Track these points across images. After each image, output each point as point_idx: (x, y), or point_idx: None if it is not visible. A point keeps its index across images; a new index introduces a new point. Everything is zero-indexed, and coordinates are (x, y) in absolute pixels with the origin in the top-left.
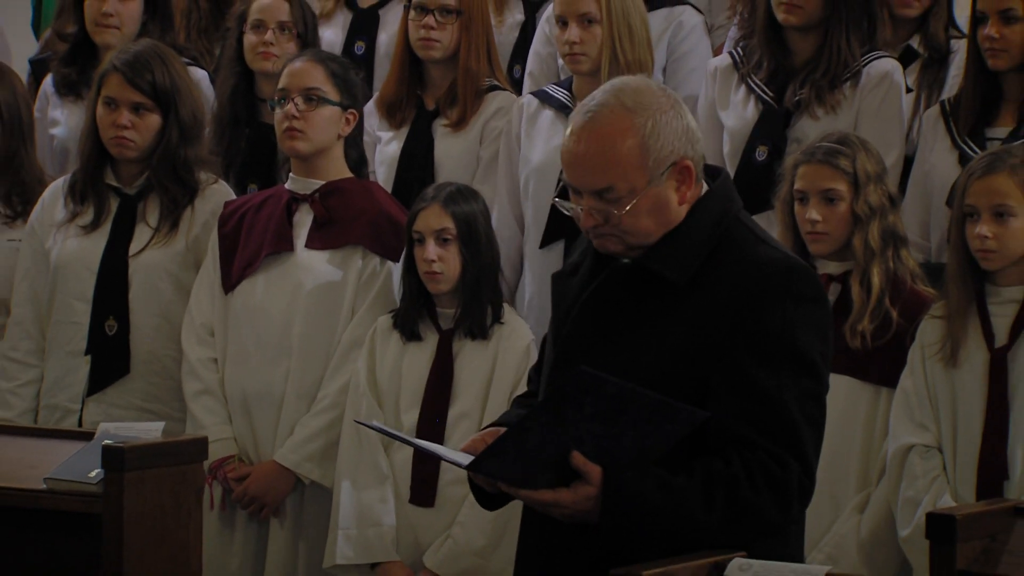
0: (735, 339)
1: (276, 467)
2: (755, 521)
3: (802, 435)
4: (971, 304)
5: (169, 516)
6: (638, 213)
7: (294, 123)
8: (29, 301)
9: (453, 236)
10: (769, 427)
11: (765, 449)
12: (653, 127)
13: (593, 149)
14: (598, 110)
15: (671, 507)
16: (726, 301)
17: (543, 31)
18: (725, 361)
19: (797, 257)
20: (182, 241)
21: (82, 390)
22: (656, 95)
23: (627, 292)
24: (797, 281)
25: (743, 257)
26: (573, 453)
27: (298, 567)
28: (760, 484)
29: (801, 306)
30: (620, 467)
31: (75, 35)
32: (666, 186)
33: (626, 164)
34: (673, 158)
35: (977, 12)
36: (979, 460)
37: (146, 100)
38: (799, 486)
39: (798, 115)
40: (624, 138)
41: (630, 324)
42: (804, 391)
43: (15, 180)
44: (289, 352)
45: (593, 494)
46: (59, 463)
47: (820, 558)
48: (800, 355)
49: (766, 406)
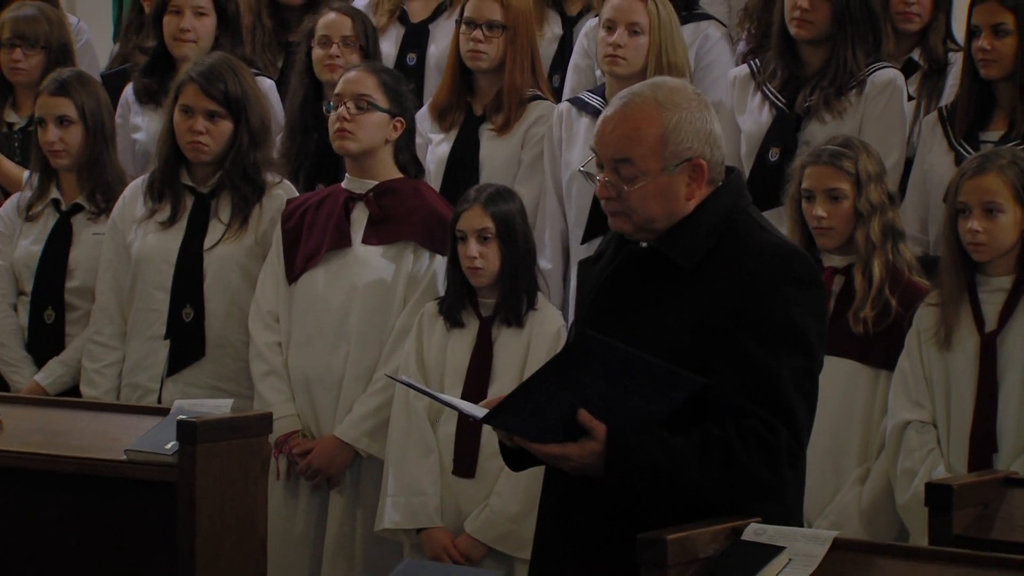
0: (737, 319)
1: (336, 442)
2: (747, 481)
3: (794, 406)
4: (963, 292)
5: (237, 485)
6: (646, 195)
7: (344, 124)
8: (112, 290)
9: (493, 235)
10: (763, 398)
11: (759, 417)
12: (677, 123)
13: (620, 126)
14: (633, 97)
15: (670, 465)
16: (729, 284)
17: (581, 45)
18: (727, 338)
19: (796, 245)
20: (251, 236)
21: (161, 371)
22: (689, 97)
23: (641, 275)
24: (796, 266)
25: (746, 245)
26: (580, 411)
27: (356, 532)
28: (752, 448)
29: (799, 289)
30: (624, 426)
31: (155, 48)
32: (677, 179)
33: (645, 147)
34: (689, 155)
35: (972, 26)
36: (970, 435)
37: (219, 108)
38: (788, 451)
39: (808, 120)
40: (649, 125)
41: (643, 304)
42: (798, 367)
43: (99, 180)
44: (347, 338)
45: (598, 449)
46: (138, 436)
47: (825, 524)
48: (796, 334)
49: (762, 380)
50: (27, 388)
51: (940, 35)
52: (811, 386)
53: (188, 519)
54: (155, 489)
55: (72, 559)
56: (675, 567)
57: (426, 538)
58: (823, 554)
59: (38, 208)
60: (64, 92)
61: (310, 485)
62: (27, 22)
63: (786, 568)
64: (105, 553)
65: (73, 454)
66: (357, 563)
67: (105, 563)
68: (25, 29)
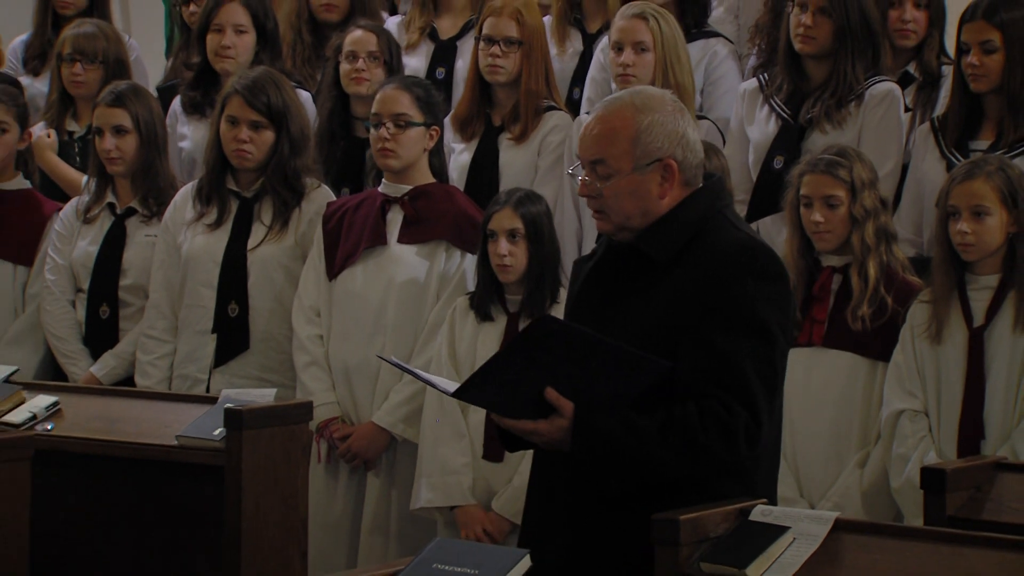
0: (703, 308)
1: (374, 427)
2: (705, 458)
3: (753, 389)
4: (953, 290)
5: (280, 468)
6: (619, 193)
7: (386, 144)
8: (163, 287)
9: (521, 235)
10: (724, 382)
11: (718, 399)
12: (649, 125)
13: (598, 128)
14: (613, 102)
15: (632, 441)
16: (697, 277)
17: (598, 60)
18: (693, 327)
19: (764, 241)
20: (292, 237)
21: (209, 363)
22: (665, 103)
23: (619, 269)
24: (760, 261)
25: (716, 241)
26: (547, 389)
27: (391, 511)
28: (710, 426)
29: (761, 282)
30: (590, 405)
31: (199, 64)
32: (648, 177)
33: (617, 147)
34: (659, 155)
35: (961, 43)
36: (960, 422)
37: (262, 118)
38: (746, 430)
39: (811, 130)
40: (623, 127)
41: (619, 295)
42: (756, 353)
43: (151, 185)
44: (384, 330)
45: (565, 426)
46: (188, 423)
47: (828, 506)
48: (757, 323)
49: (723, 364)
50: (83, 379)
51: (934, 50)
52: (771, 372)
53: (235, 500)
54: (204, 472)
55: (127, 537)
56: (687, 545)
57: (460, 514)
58: (825, 533)
59: (95, 211)
60: (120, 103)
61: (349, 468)
62: (86, 39)
63: (791, 546)
64: (157, 532)
65: (128, 440)
66: (392, 540)
67: (157, 541)
68: (85, 45)
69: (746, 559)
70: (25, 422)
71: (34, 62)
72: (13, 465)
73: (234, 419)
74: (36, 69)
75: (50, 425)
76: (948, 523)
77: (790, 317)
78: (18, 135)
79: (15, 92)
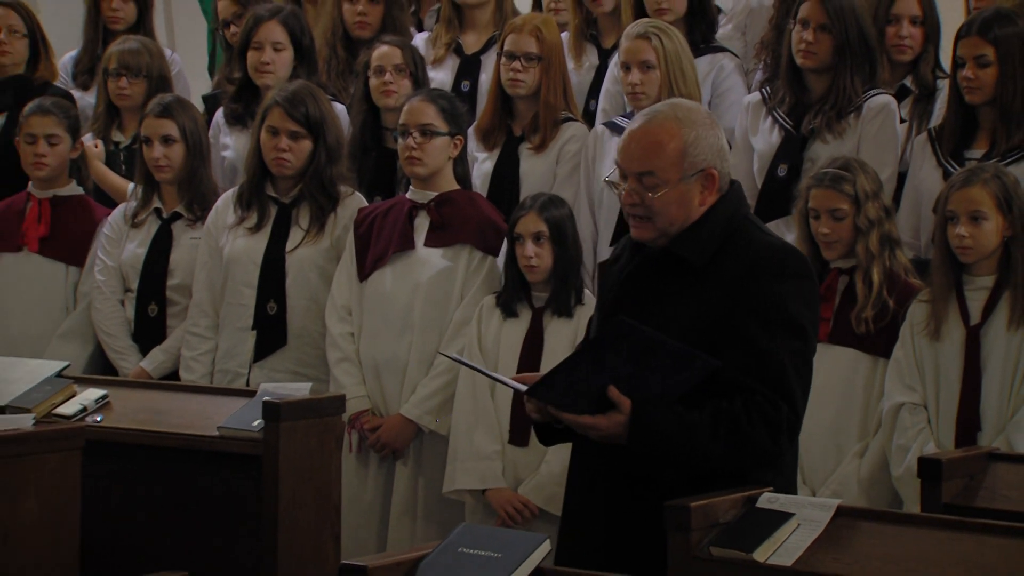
0: (740, 308)
1: (402, 419)
2: (751, 449)
3: (791, 384)
4: (951, 290)
5: (315, 457)
6: (667, 201)
7: (413, 153)
8: (206, 287)
9: (546, 237)
10: (765, 377)
11: (762, 394)
12: (695, 138)
13: (644, 141)
14: (655, 115)
15: (684, 434)
16: (733, 279)
17: (612, 73)
18: (732, 326)
19: (792, 245)
20: (327, 240)
21: (249, 358)
22: (703, 115)
23: (656, 273)
24: (790, 262)
25: (748, 245)
26: (610, 387)
27: (418, 497)
28: (756, 420)
29: (793, 282)
30: (646, 401)
31: (240, 79)
32: (693, 186)
33: (666, 159)
34: (703, 166)
35: (957, 58)
36: (957, 415)
37: (301, 129)
38: (788, 423)
39: (812, 140)
40: (670, 140)
41: (658, 297)
42: (794, 350)
43: (196, 191)
44: (412, 328)
45: (623, 421)
46: (229, 415)
47: (827, 493)
48: (791, 321)
49: (763, 361)
50: (133, 373)
51: (929, 65)
52: (805, 367)
53: (272, 487)
54: (243, 461)
55: (171, 522)
56: (698, 530)
57: (492, 496)
58: (828, 519)
59: (142, 216)
60: (168, 115)
61: (379, 457)
62: (131, 54)
63: (795, 532)
64: (200, 517)
65: (172, 431)
66: (419, 523)
67: (199, 525)
68: (130, 60)
69: (753, 543)
70: (76, 414)
71: (83, 76)
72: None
73: (272, 411)
74: (85, 83)
75: (99, 417)
76: (944, 510)
77: (818, 314)
78: (70, 145)
79: (67, 105)
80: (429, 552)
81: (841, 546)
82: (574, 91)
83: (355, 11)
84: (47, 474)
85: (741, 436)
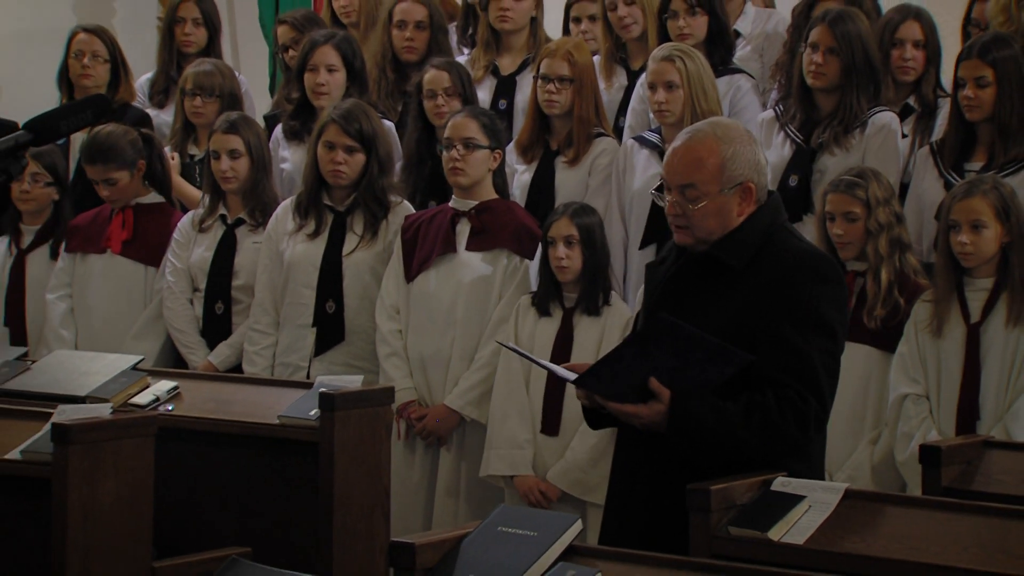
0: (775, 309)
1: (446, 409)
2: (781, 439)
3: (821, 381)
4: (953, 292)
5: (366, 444)
6: (706, 213)
7: (456, 164)
8: (267, 288)
9: (577, 240)
10: (796, 373)
11: (793, 388)
12: (733, 154)
13: (687, 157)
14: (696, 133)
15: (720, 424)
16: (769, 282)
17: (637, 93)
18: (767, 325)
19: (825, 251)
20: (380, 244)
21: (309, 353)
22: (740, 132)
23: (698, 275)
24: (823, 268)
25: (784, 250)
26: (651, 379)
27: (461, 480)
28: (787, 412)
29: (825, 286)
30: (685, 392)
31: (298, 99)
32: (731, 199)
33: (706, 174)
34: (741, 179)
35: (958, 78)
36: (958, 406)
37: (355, 143)
38: (816, 416)
39: (821, 153)
40: (710, 156)
41: (699, 297)
42: (824, 349)
43: (258, 200)
44: (454, 325)
45: (663, 410)
46: (288, 405)
47: (842, 478)
48: (823, 322)
49: (795, 359)
50: (201, 366)
51: (931, 85)
52: (834, 365)
53: (328, 471)
54: (301, 447)
55: (235, 503)
56: (717, 511)
57: (519, 482)
58: (837, 501)
59: (209, 222)
60: (234, 130)
61: (424, 443)
62: (206, 76)
63: (807, 513)
64: (262, 499)
65: (237, 419)
66: (462, 503)
67: (261, 507)
68: (204, 81)
69: (768, 524)
70: (149, 404)
71: (159, 96)
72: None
73: (327, 402)
74: (161, 102)
75: (171, 406)
76: (943, 493)
77: (847, 317)
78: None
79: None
80: (471, 531)
81: (849, 526)
82: (605, 109)
83: (403, 37)
84: (123, 459)
85: (771, 427)
